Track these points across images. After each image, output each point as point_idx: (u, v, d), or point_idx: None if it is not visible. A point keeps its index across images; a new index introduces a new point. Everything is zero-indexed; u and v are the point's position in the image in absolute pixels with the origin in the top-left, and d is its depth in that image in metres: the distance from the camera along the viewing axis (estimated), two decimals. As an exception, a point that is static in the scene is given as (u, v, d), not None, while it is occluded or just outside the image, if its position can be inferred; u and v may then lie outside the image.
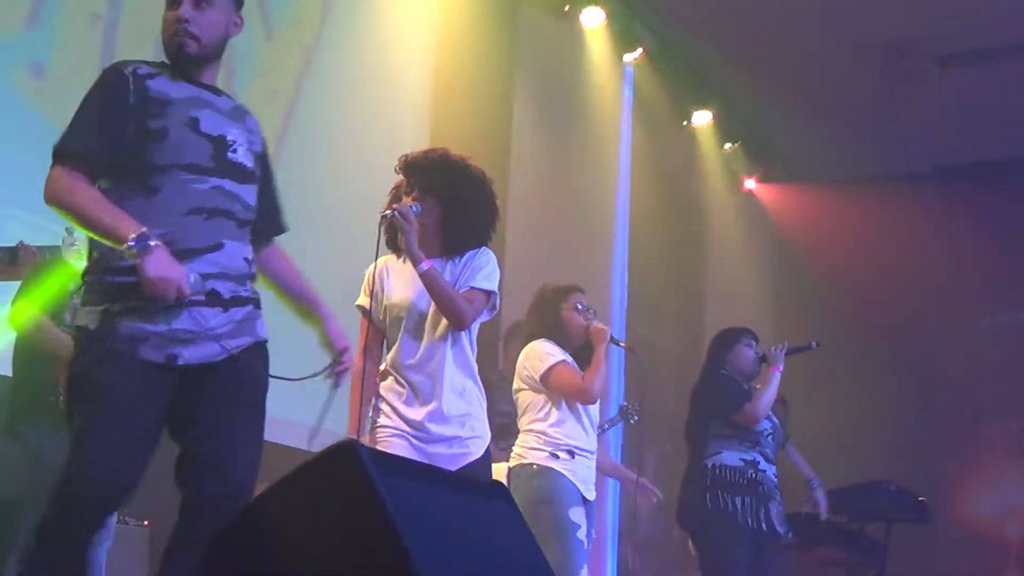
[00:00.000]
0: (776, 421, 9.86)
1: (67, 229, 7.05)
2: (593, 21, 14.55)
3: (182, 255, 5.03)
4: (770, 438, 9.62)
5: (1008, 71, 14.38)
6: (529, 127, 14.28)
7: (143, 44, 10.51)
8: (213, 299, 5.15)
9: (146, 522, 9.09)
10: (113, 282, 5.10)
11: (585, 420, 8.63)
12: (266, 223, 5.68)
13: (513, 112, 13.90)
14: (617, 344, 9.09)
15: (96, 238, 5.14)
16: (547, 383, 8.39)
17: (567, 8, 14.47)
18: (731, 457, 9.44)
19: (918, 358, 16.58)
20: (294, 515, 3.50)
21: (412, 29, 13.07)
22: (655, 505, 10.40)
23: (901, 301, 16.65)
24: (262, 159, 5.58)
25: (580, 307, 8.87)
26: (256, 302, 5.43)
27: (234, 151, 5.31)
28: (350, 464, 3.36)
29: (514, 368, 9.31)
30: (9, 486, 7.93)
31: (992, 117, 15.48)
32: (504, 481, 8.28)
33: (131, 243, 4.85)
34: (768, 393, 9.53)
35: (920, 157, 16.64)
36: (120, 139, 5.14)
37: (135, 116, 5.14)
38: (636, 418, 10.29)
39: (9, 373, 8.05)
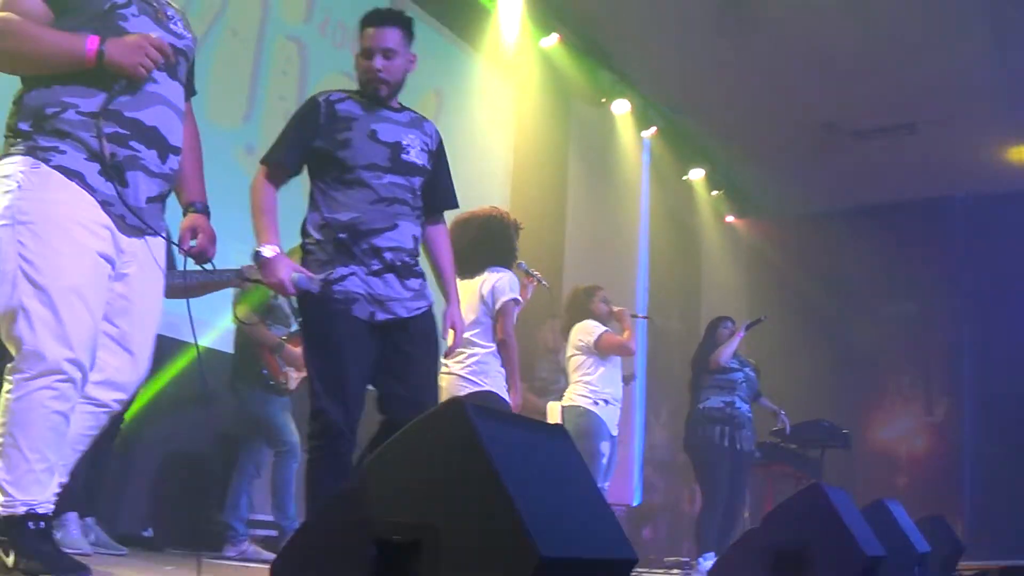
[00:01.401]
0: (752, 375, 10.14)
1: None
2: (621, 109, 14.70)
3: (369, 233, 4.91)
4: (744, 385, 10.02)
5: (891, 142, 14.55)
6: (580, 185, 14.60)
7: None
8: (395, 269, 4.97)
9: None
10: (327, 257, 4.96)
11: (617, 377, 8.88)
12: (436, 199, 5.37)
13: (568, 175, 14.14)
14: (636, 317, 9.25)
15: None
16: (599, 346, 8.66)
17: (603, 100, 14.59)
18: (715, 401, 9.83)
19: (845, 335, 16.92)
20: (408, 468, 3.00)
21: (497, 119, 13.18)
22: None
23: (831, 295, 17.04)
24: (435, 153, 5.28)
25: (604, 300, 9.04)
26: (423, 274, 5.20)
27: (407, 152, 5.07)
28: (458, 419, 2.91)
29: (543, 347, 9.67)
30: (230, 426, 8.29)
31: (884, 172, 15.66)
32: (558, 417, 8.60)
33: (258, 250, 4.81)
34: (729, 346, 10.00)
35: (843, 198, 16.77)
36: (308, 150, 5.04)
37: (324, 132, 5.01)
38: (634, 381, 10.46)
39: (230, 351, 8.26)
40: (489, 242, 6.91)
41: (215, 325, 8.46)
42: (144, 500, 8.26)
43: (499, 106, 13.36)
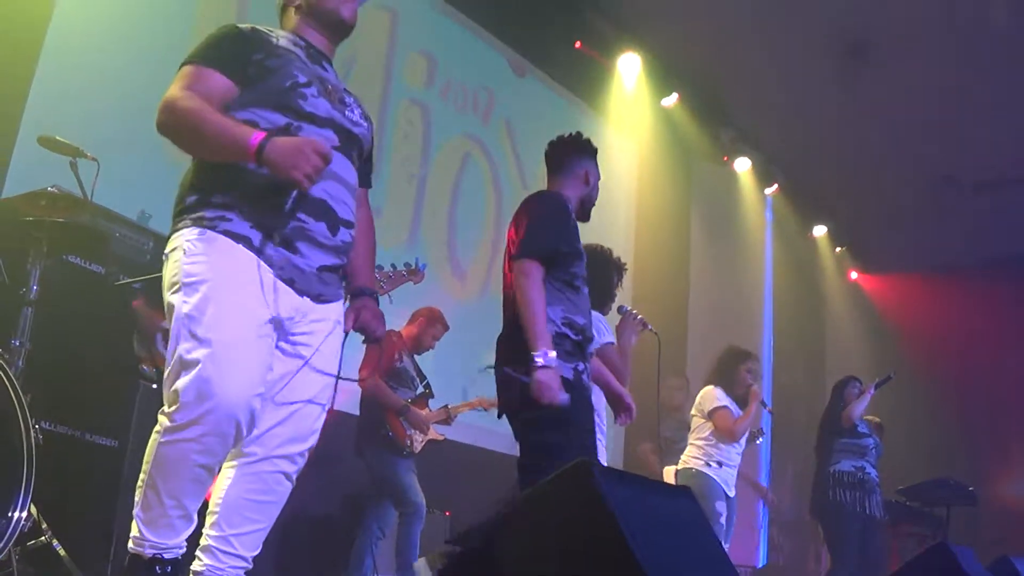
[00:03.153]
0: (878, 440, 9.96)
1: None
2: (743, 167, 14.78)
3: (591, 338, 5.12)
4: (873, 451, 9.75)
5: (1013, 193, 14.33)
6: (702, 241, 14.59)
7: (444, 191, 10.93)
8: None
9: (447, 512, 9.16)
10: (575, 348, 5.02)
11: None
12: None
13: (691, 234, 14.12)
14: (765, 407, 9.13)
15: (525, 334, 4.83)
16: (712, 417, 8.52)
17: (725, 158, 14.62)
18: (846, 465, 9.61)
19: (969, 390, 16.57)
20: (535, 530, 2.98)
21: (619, 179, 13.24)
22: (774, 503, 10.53)
23: (955, 349, 16.71)
24: None
25: (750, 371, 8.85)
26: None
27: None
28: (584, 482, 2.85)
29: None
30: (356, 487, 8.37)
31: (1005, 224, 15.42)
32: (673, 481, 8.48)
33: (535, 358, 4.69)
34: (859, 405, 9.74)
35: (965, 251, 16.52)
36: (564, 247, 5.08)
37: (573, 235, 5.14)
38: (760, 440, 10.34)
39: (356, 412, 8.22)
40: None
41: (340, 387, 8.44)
42: (271, 561, 8.31)
43: (621, 166, 13.45)
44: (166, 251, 3.70)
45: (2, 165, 6.98)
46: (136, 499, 3.51)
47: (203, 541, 3.67)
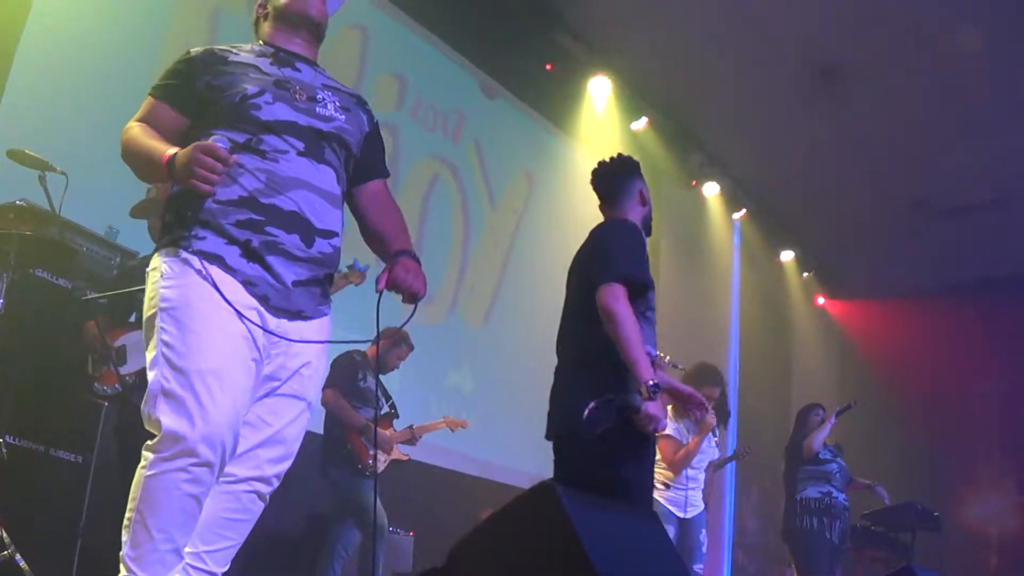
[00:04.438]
0: (844, 465, 10.00)
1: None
2: (711, 191, 14.85)
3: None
4: (838, 475, 9.80)
5: (981, 218, 14.48)
6: (671, 266, 14.59)
7: (412, 213, 10.92)
8: None
9: (411, 532, 9.11)
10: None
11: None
12: None
13: (659, 257, 14.12)
14: (713, 435, 9.02)
15: (627, 361, 4.77)
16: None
17: (694, 183, 14.67)
18: (812, 491, 9.65)
19: (934, 415, 16.71)
20: (498, 552, 3.00)
21: (587, 200, 13.16)
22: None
23: (920, 374, 16.85)
24: None
25: (709, 398, 8.53)
26: None
27: None
28: (550, 502, 2.88)
29: None
30: (322, 506, 8.33)
31: (972, 249, 15.56)
32: None
33: (651, 384, 4.67)
34: (819, 434, 9.79)
35: (931, 277, 16.66)
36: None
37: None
38: (747, 455, 10.36)
39: (320, 431, 8.15)
40: None
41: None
42: (235, 579, 8.31)
43: (589, 188, 13.33)
44: (148, 268, 3.71)
45: None
46: (124, 539, 3.44)
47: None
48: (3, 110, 7.21)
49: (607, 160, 5.77)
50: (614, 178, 5.65)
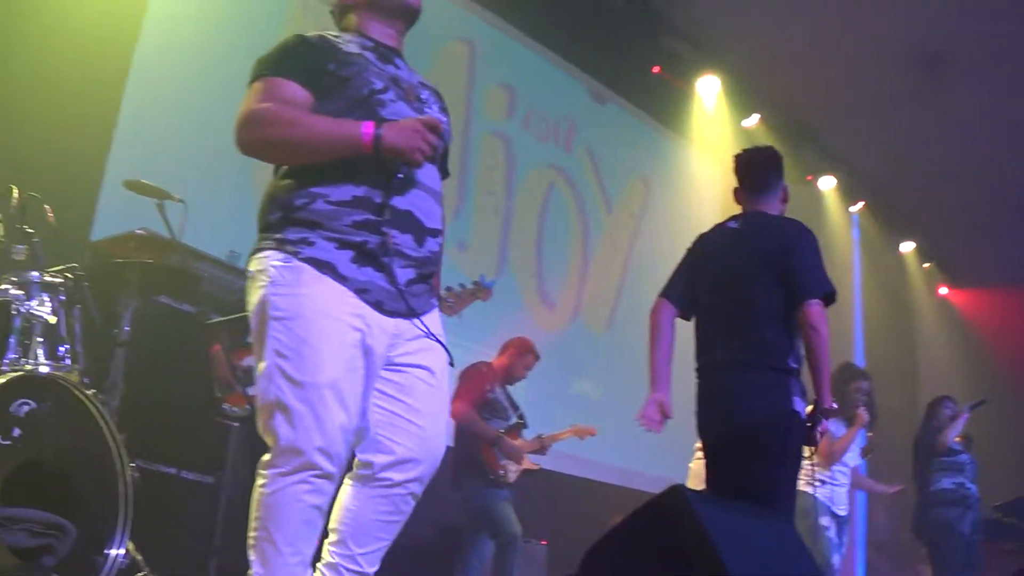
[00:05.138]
0: (971, 456, 9.76)
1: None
2: (827, 185, 14.64)
3: None
4: (969, 467, 9.54)
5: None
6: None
7: (530, 222, 10.90)
8: None
9: (544, 542, 9.03)
10: None
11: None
12: None
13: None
14: (867, 430, 8.87)
15: (820, 381, 4.97)
16: None
17: (809, 178, 14.50)
18: (946, 483, 9.43)
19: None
20: (630, 557, 2.97)
21: (704, 202, 13.10)
22: (898, 494, 10.23)
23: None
24: None
25: (859, 390, 8.56)
26: None
27: None
28: (681, 506, 2.85)
29: None
30: (455, 519, 8.27)
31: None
32: None
33: (834, 407, 4.87)
34: (953, 429, 9.53)
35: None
36: None
37: None
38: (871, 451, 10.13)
39: (451, 444, 8.06)
40: None
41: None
42: (371, 594, 8.30)
43: (706, 190, 13.33)
44: (251, 269, 3.59)
45: (90, 210, 7.04)
46: (251, 558, 3.42)
47: (326, 557, 3.60)
48: (117, 141, 7.28)
49: (757, 149, 5.70)
50: (768, 171, 5.58)
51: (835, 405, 4.74)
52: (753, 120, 13.16)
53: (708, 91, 12.65)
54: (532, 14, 11.06)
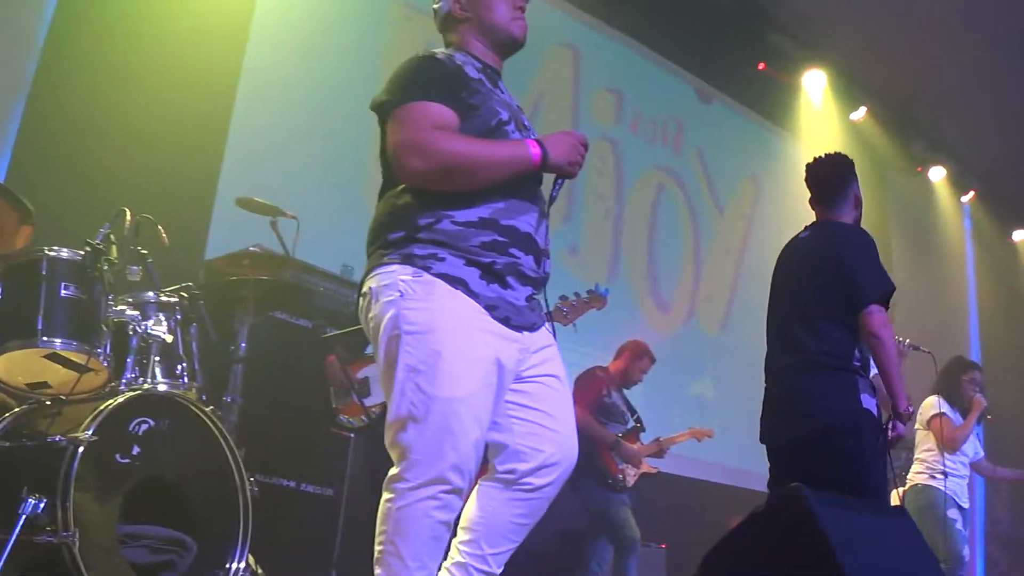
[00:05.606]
0: None
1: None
2: (937, 176, 14.37)
3: None
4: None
5: None
6: (902, 256, 14.23)
7: (641, 225, 10.85)
8: None
9: (663, 545, 8.94)
10: None
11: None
12: None
13: (890, 247, 13.76)
14: (986, 417, 8.70)
15: (892, 389, 4.93)
16: (930, 426, 8.19)
17: (919, 169, 14.26)
18: (1071, 472, 9.20)
19: None
20: (750, 558, 3.01)
21: None
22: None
23: None
24: None
25: (972, 380, 8.47)
26: None
27: None
28: (799, 505, 2.88)
29: None
30: (574, 523, 8.21)
31: None
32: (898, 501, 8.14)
33: (910, 410, 4.81)
34: None
35: None
36: None
37: None
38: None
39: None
40: None
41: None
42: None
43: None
44: (370, 286, 3.56)
45: (203, 228, 7.15)
46: (377, 572, 3.39)
47: (455, 556, 3.58)
48: (228, 160, 7.39)
49: (824, 157, 5.68)
50: (834, 179, 5.55)
51: (910, 408, 4.81)
52: (860, 113, 13.07)
53: (814, 86, 12.58)
54: (634, 16, 11.04)
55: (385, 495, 3.39)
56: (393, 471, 3.40)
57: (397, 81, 3.64)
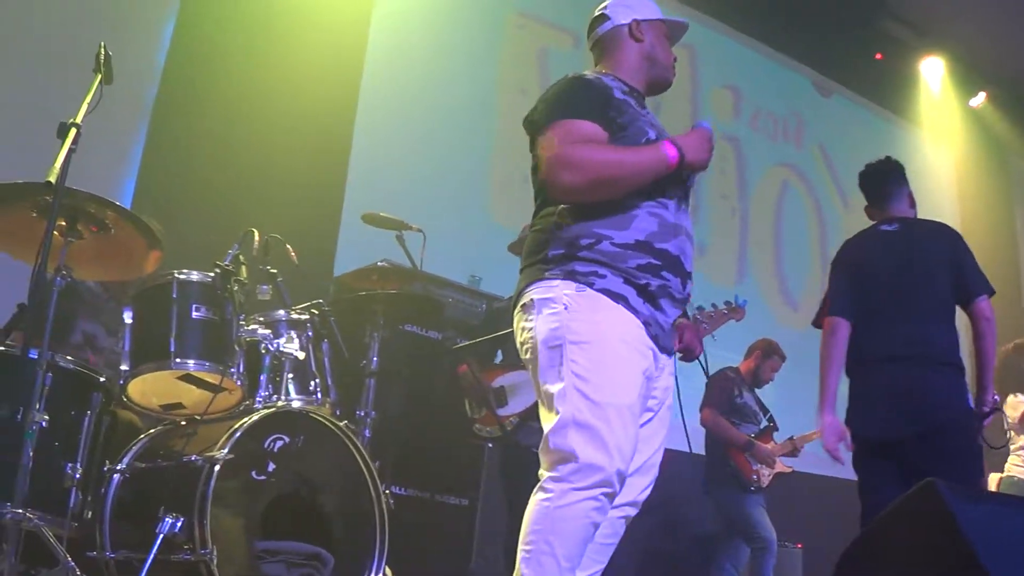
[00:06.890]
0: None
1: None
2: (1062, 158, 13.89)
3: None
4: None
5: None
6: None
7: (766, 222, 10.70)
8: None
9: (799, 544, 8.81)
10: None
11: None
12: None
13: (1017, 232, 13.42)
14: None
15: (986, 377, 5.09)
16: (1021, 422, 7.89)
17: (1042, 154, 13.85)
18: None
19: None
20: (887, 556, 2.87)
21: (941, 184, 12.72)
22: None
23: None
24: None
25: None
26: None
27: None
28: (934, 502, 2.71)
29: None
30: (708, 526, 8.20)
31: None
32: (995, 488, 7.91)
33: (996, 399, 4.93)
34: None
35: None
36: None
37: None
38: None
39: (701, 452, 8.03)
40: None
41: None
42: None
43: (940, 175, 12.99)
44: (532, 298, 3.62)
45: (331, 245, 7.23)
46: (524, 572, 3.38)
47: None
48: (352, 177, 7.46)
49: (874, 164, 5.71)
50: (887, 180, 5.61)
51: (997, 397, 4.89)
52: (980, 99, 12.83)
53: (932, 73, 12.39)
54: (748, 12, 10.96)
55: (541, 495, 3.42)
56: (553, 473, 3.42)
57: (548, 100, 3.74)
